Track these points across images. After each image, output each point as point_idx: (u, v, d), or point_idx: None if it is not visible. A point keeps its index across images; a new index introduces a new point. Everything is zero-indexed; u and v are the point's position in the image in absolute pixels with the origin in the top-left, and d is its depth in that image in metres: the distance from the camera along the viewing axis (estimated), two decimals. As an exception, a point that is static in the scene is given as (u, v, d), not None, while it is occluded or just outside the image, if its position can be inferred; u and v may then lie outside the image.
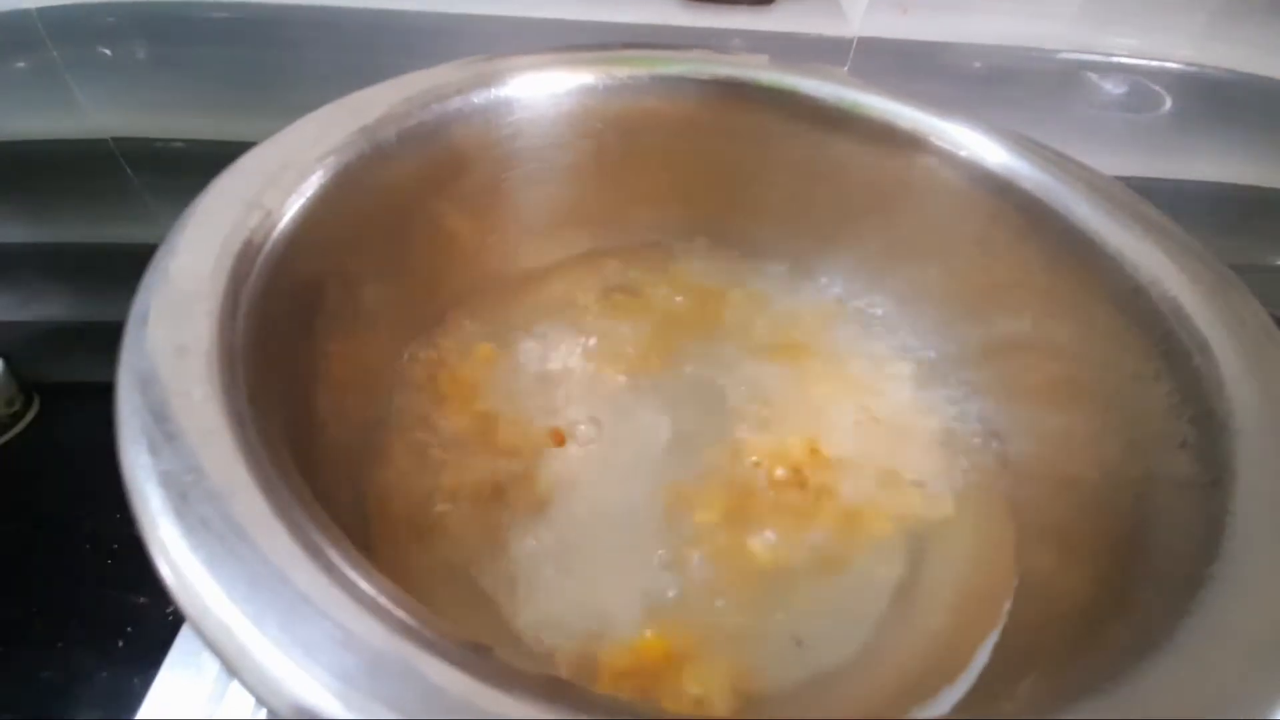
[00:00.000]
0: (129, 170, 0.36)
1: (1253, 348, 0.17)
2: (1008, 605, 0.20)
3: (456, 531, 0.21)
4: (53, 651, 0.29)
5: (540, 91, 0.25)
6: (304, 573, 0.11)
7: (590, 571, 0.20)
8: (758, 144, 0.27)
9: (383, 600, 0.11)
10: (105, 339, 0.17)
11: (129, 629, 0.28)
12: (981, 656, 0.19)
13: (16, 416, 0.36)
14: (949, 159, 0.24)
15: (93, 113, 0.34)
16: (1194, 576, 0.14)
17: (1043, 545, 0.21)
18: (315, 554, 0.11)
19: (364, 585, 0.11)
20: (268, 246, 0.16)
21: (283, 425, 0.15)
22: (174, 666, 0.22)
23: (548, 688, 0.11)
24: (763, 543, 0.21)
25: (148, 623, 0.29)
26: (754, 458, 0.23)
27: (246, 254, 0.16)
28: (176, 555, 0.11)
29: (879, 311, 0.27)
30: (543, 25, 0.33)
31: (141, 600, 0.29)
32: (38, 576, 0.31)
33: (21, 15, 0.33)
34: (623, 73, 0.26)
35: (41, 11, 0.33)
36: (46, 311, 0.40)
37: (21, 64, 0.34)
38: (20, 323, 0.39)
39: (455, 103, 0.23)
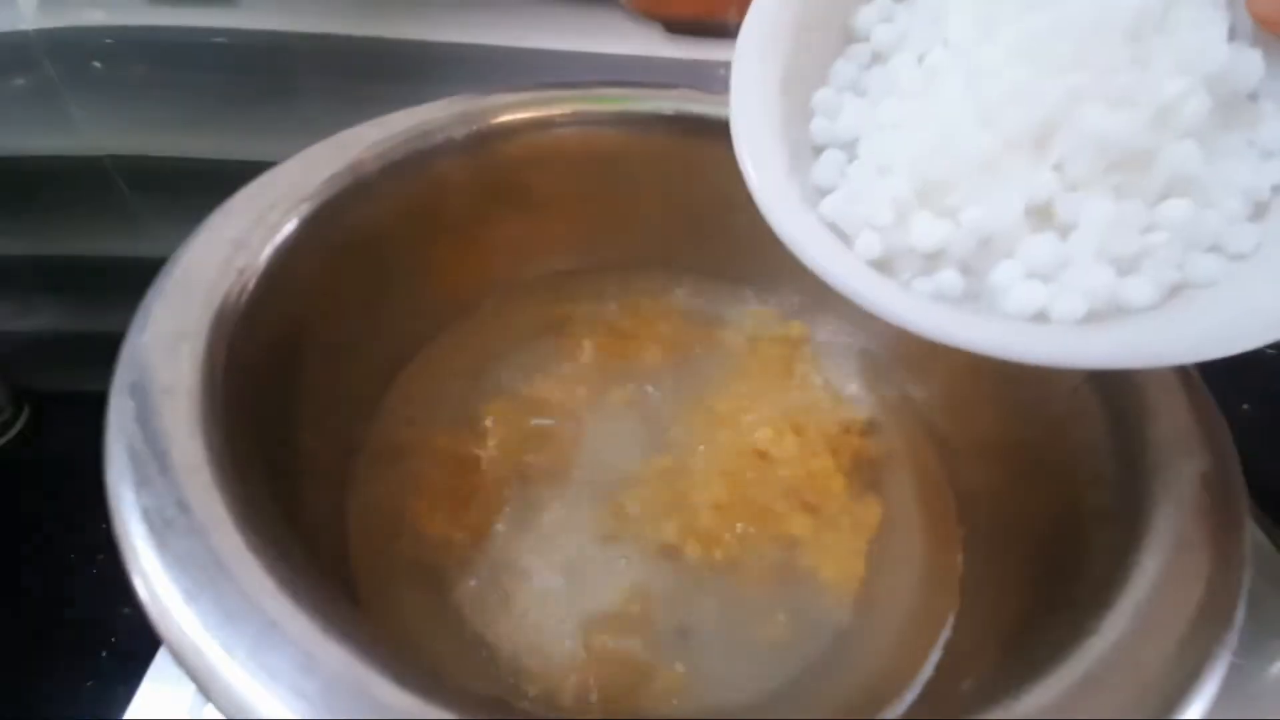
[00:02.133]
0: (123, 186, 0.37)
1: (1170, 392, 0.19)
2: (953, 613, 0.21)
3: (432, 553, 0.22)
4: (38, 659, 0.29)
5: (521, 128, 0.26)
6: (274, 603, 0.12)
7: (560, 590, 0.21)
8: (725, 176, 0.28)
9: (346, 628, 0.12)
10: (95, 350, 0.17)
11: (113, 638, 0.29)
12: (933, 656, 0.20)
13: (6, 425, 0.37)
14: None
15: (88, 130, 0.35)
16: (1105, 601, 0.15)
17: (985, 565, 0.22)
18: (286, 585, 0.12)
19: (330, 614, 0.12)
20: (251, 287, 0.17)
21: (263, 457, 0.16)
22: (159, 671, 0.23)
23: (495, 710, 0.12)
24: (724, 555, 0.23)
25: (133, 631, 0.29)
26: (715, 472, 0.24)
27: (231, 296, 0.17)
28: (157, 585, 0.12)
29: (837, 337, 0.28)
30: (530, 55, 0.34)
31: (126, 610, 0.29)
32: (23, 585, 0.31)
33: (20, 35, 0.33)
34: (600, 110, 0.27)
35: (39, 32, 0.33)
36: (39, 322, 0.40)
37: (19, 82, 0.35)
38: (13, 332, 0.40)
39: (437, 140, 0.24)
